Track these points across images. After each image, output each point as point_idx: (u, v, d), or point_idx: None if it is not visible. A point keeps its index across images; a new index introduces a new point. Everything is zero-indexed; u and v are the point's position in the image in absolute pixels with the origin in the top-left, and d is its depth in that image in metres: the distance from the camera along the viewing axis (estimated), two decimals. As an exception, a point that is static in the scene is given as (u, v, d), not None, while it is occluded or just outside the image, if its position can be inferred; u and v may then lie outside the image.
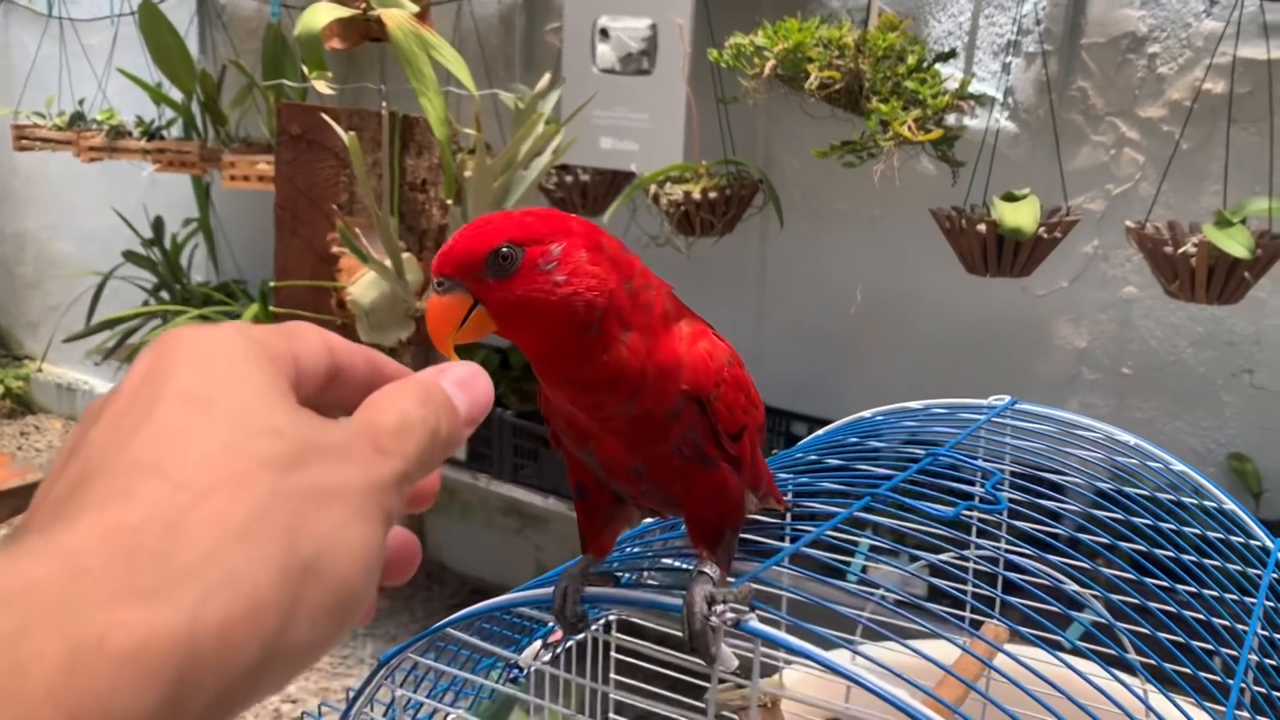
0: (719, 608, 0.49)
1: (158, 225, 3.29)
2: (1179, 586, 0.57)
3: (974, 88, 1.89)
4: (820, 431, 0.76)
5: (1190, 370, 1.97)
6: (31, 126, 3.05)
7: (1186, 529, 0.64)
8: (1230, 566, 0.62)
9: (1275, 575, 0.64)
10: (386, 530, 0.31)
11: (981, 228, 1.63)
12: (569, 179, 2.07)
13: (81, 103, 3.07)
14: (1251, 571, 0.63)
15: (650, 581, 0.59)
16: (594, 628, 0.83)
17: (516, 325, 0.48)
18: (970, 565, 0.62)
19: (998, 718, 0.53)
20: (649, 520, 0.64)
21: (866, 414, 0.74)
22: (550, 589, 0.55)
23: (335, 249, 1.32)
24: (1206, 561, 0.61)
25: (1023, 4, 1.95)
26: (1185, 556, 0.61)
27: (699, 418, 0.51)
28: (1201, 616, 0.55)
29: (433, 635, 0.60)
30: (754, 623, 0.48)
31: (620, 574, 0.58)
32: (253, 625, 0.26)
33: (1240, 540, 0.67)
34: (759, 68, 1.74)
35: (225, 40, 3.17)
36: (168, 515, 0.26)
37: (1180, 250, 1.49)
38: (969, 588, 0.68)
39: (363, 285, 1.31)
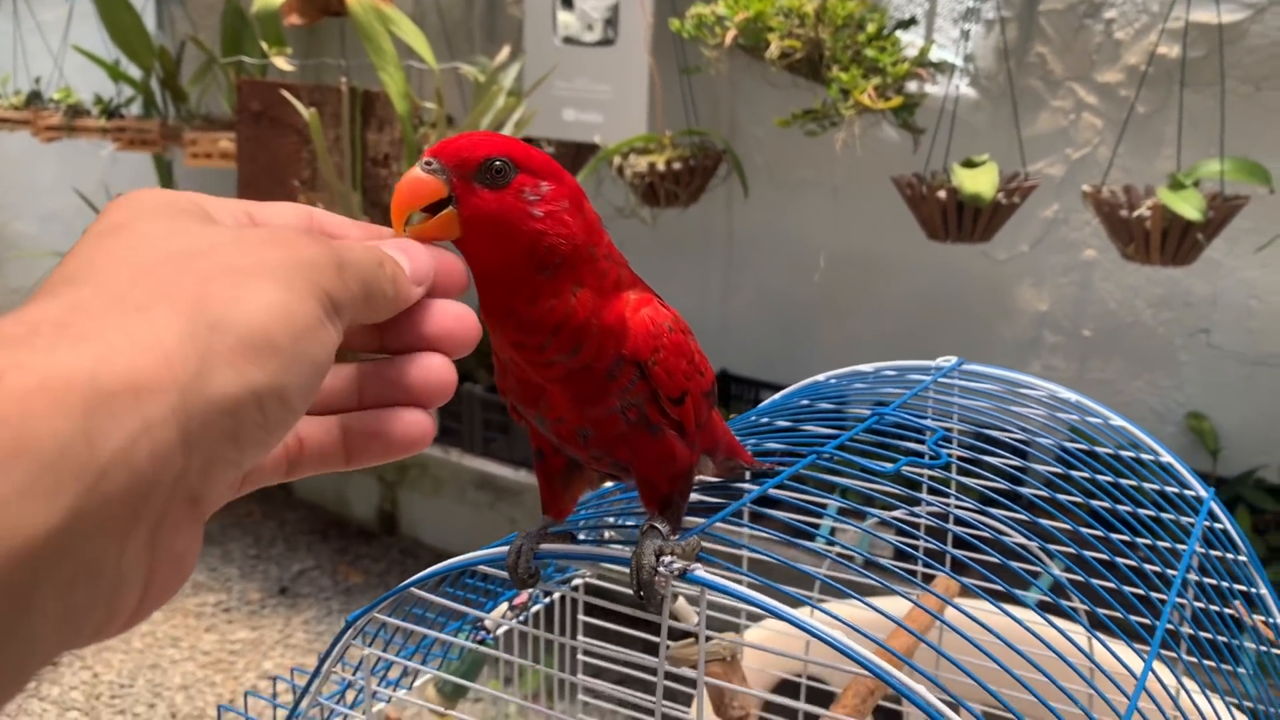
0: (667, 559, 0.51)
1: (120, 204, 3.25)
2: (1114, 536, 0.59)
3: (934, 55, 1.90)
4: (776, 396, 0.78)
5: (1149, 331, 2.01)
6: (-14, 106, 3.00)
7: (1123, 481, 0.67)
8: (1164, 516, 0.65)
9: (1207, 523, 0.67)
10: (321, 302, 0.34)
11: (942, 194, 1.65)
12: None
13: (38, 81, 3.02)
14: (1185, 520, 0.65)
15: (606, 538, 0.60)
16: (565, 587, 0.85)
17: (480, 239, 0.48)
18: (921, 522, 0.64)
19: (949, 668, 0.55)
20: (609, 484, 0.66)
21: (820, 377, 0.76)
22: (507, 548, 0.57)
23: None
24: (1141, 512, 0.63)
25: (981, -30, 1.96)
26: (1121, 507, 0.63)
27: (640, 382, 0.53)
28: (1135, 564, 0.58)
29: (398, 595, 0.62)
30: (700, 573, 0.50)
31: (578, 533, 0.60)
32: (164, 372, 0.29)
33: (1175, 491, 0.69)
34: (720, 37, 1.75)
35: (183, 16, 3.14)
36: (73, 303, 0.30)
37: (1135, 213, 1.51)
38: (920, 544, 0.70)
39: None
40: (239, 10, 2.54)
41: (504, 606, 0.71)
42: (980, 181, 1.61)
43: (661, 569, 0.51)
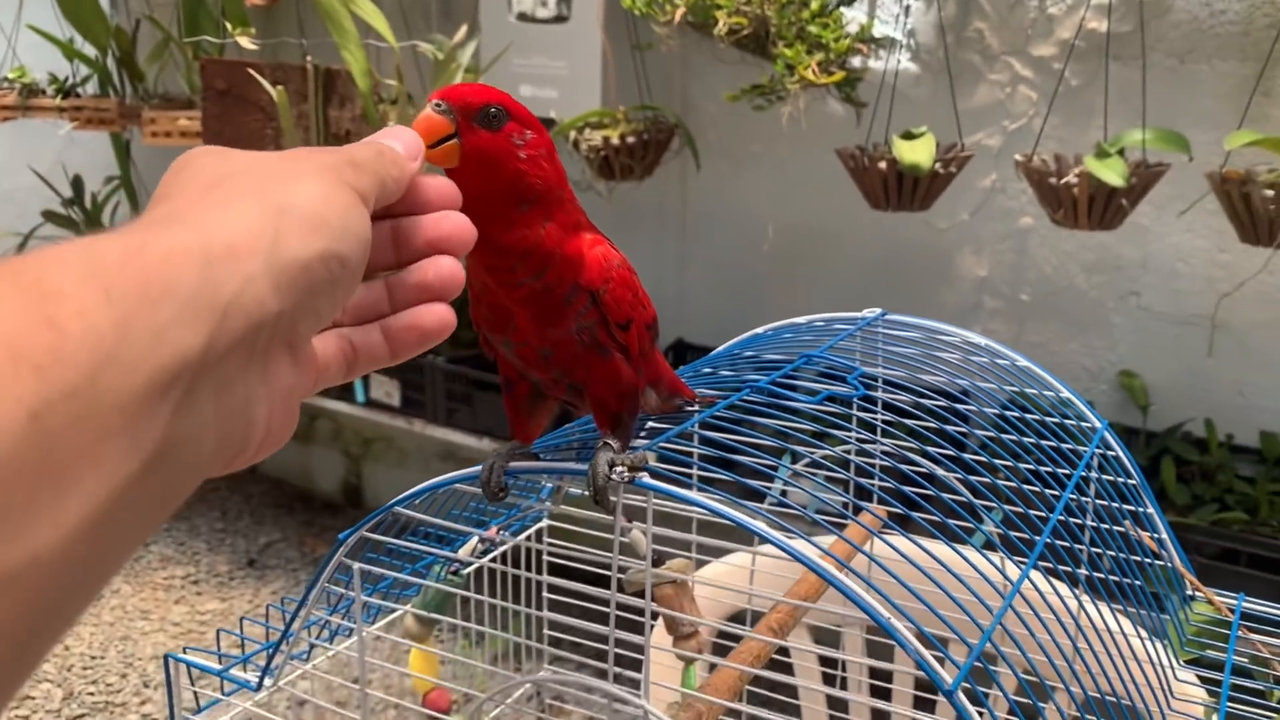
0: (618, 469, 0.60)
1: (77, 184, 3.25)
2: (1020, 465, 0.67)
3: (875, 30, 1.97)
4: (720, 348, 0.85)
5: (1083, 294, 2.10)
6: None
7: (1027, 415, 0.75)
8: (1064, 445, 0.73)
9: (1100, 450, 0.75)
10: (348, 189, 0.45)
11: (883, 165, 1.73)
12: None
13: (-8, 61, 3.02)
14: (1081, 449, 0.73)
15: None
16: (527, 535, 0.92)
17: (473, 170, 0.57)
18: (851, 460, 0.72)
19: (877, 596, 0.63)
20: (570, 424, 0.73)
21: (759, 330, 0.83)
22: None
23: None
24: (1044, 443, 0.71)
25: (921, -51, 2.04)
26: (1025, 439, 0.71)
27: (591, 309, 0.62)
28: (1036, 488, 0.66)
29: (383, 514, 0.68)
30: (646, 479, 0.58)
31: (542, 455, 0.67)
32: (252, 241, 0.39)
33: (1073, 423, 0.77)
34: (670, 14, 1.81)
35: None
36: (170, 210, 0.41)
37: (1063, 181, 1.60)
38: (850, 479, 0.77)
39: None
40: (196, -12, 2.56)
41: (474, 541, 0.77)
42: (918, 152, 1.68)
43: (614, 476, 0.60)
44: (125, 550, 0.36)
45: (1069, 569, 0.72)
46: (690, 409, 0.70)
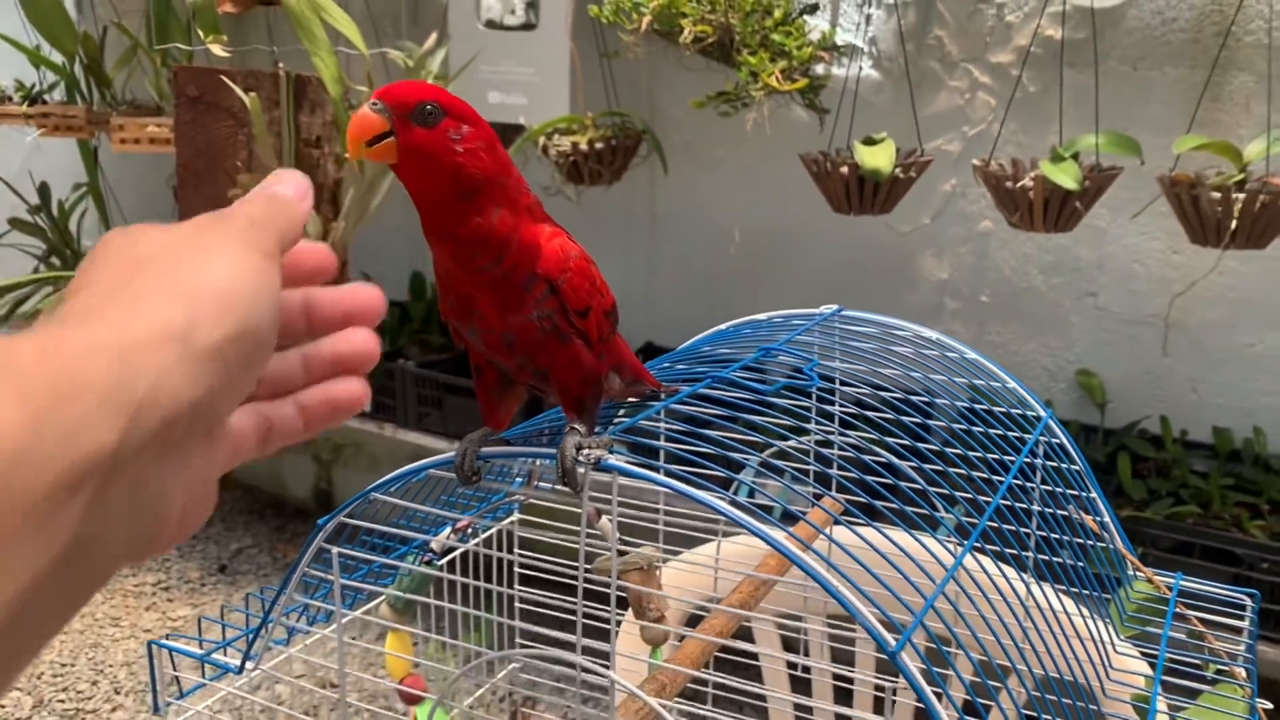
0: (585, 451, 0.63)
1: (44, 191, 3.24)
2: (970, 453, 0.71)
3: (838, 38, 2.02)
4: (685, 344, 0.88)
5: (1041, 296, 2.16)
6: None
7: (976, 405, 0.78)
8: (1010, 434, 0.76)
9: (1044, 438, 0.78)
10: (255, 253, 0.45)
11: (844, 170, 1.77)
12: (460, 133, 2.15)
13: (-44, 68, 3.00)
14: (1028, 436, 0.77)
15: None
16: (499, 525, 0.95)
17: (412, 166, 0.61)
18: (810, 449, 0.75)
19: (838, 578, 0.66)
20: (541, 415, 0.76)
21: (722, 326, 0.86)
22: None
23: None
24: (993, 431, 0.75)
25: (881, -42, 2.09)
26: (975, 428, 0.74)
27: (550, 297, 0.65)
28: (984, 474, 0.69)
29: (360, 500, 0.71)
30: (611, 460, 0.61)
31: (512, 440, 0.70)
32: (166, 332, 0.40)
33: (1019, 412, 0.81)
34: (637, 23, 1.85)
35: (103, 2, 3.13)
36: (87, 301, 0.41)
37: (1019, 184, 1.64)
38: (810, 468, 0.81)
39: (266, 238, 1.39)
40: (164, -4, 2.57)
41: (446, 531, 0.80)
42: (879, 158, 1.73)
43: (581, 457, 0.63)
44: (35, 644, 0.36)
45: (1015, 552, 0.75)
46: (654, 398, 0.74)
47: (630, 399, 0.74)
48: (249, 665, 0.83)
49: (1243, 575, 1.70)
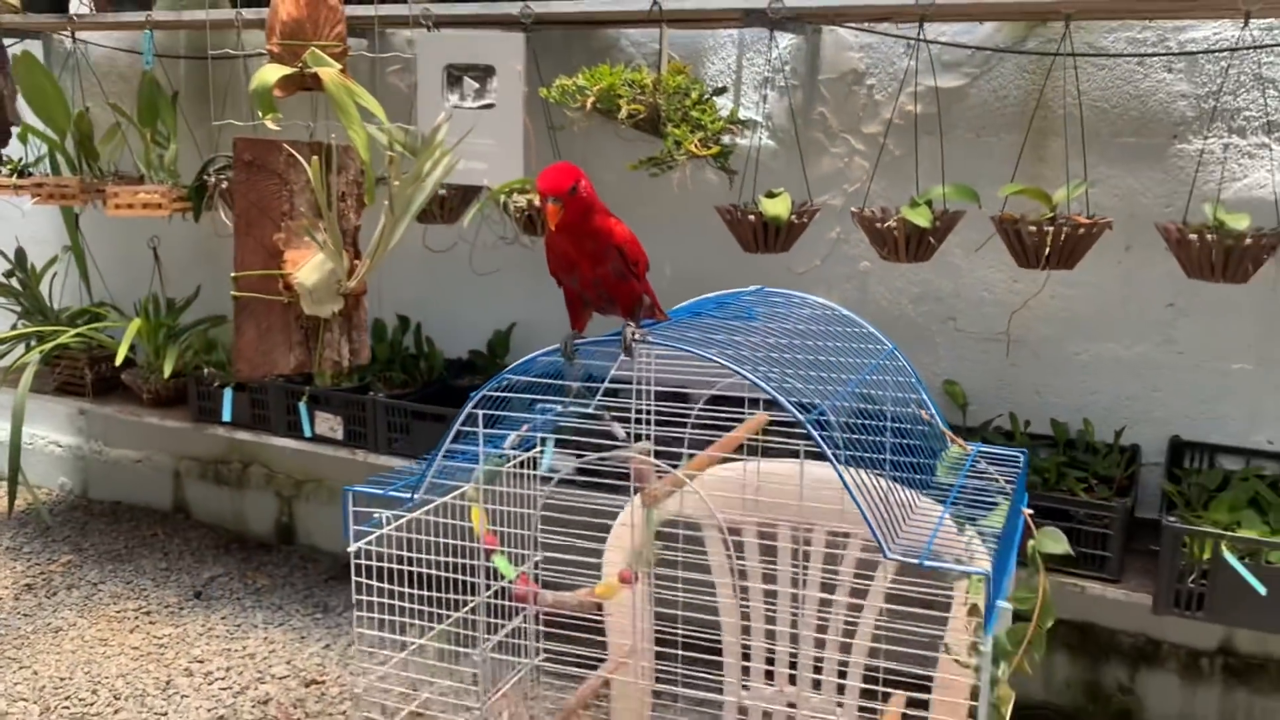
0: (636, 334, 1.06)
1: (20, 255, 3.53)
2: (844, 359, 1.12)
3: (742, 114, 2.49)
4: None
5: (912, 321, 2.63)
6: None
7: (852, 344, 1.20)
8: (866, 355, 1.18)
9: (890, 362, 1.21)
10: None
11: (752, 217, 2.23)
12: (429, 194, 2.56)
13: (-55, 144, 3.29)
14: (906, 382, 1.20)
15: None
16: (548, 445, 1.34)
17: (573, 216, 1.09)
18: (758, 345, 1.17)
19: (766, 506, 1.07)
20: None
21: (690, 301, 1.29)
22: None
23: (281, 245, 1.77)
24: (885, 378, 1.17)
25: (774, 49, 2.58)
26: (867, 376, 1.17)
27: (619, 257, 1.10)
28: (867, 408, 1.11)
29: (499, 380, 1.11)
30: (649, 338, 1.03)
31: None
32: None
33: (874, 347, 1.23)
34: (581, 102, 2.28)
35: (80, 84, 3.46)
36: None
37: (886, 225, 2.12)
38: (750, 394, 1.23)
39: (306, 270, 1.76)
40: (154, 81, 2.93)
41: (514, 436, 1.19)
42: (779, 206, 2.18)
43: (634, 337, 1.06)
44: None
45: (876, 439, 1.17)
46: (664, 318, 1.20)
47: (648, 319, 1.18)
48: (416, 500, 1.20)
49: (1074, 528, 2.17)
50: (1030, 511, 1.16)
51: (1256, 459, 2.36)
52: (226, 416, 3.06)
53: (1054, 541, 1.12)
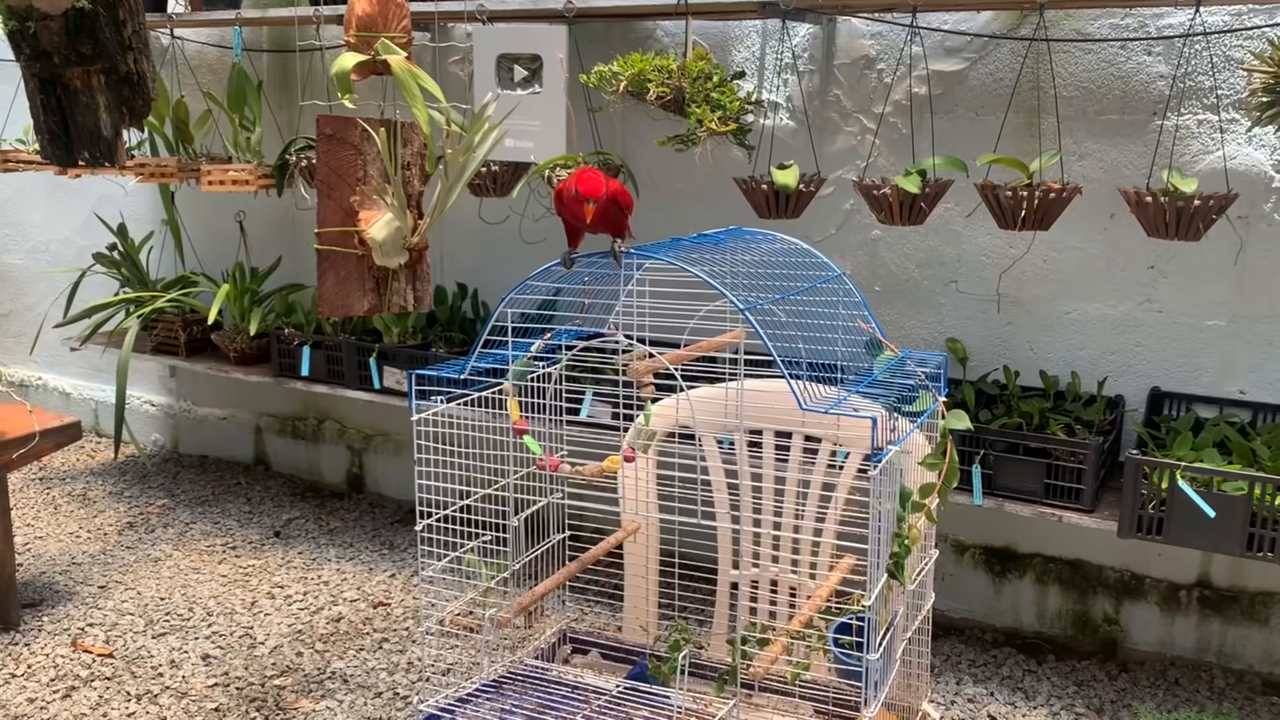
0: (620, 247, 1.35)
1: (121, 230, 3.93)
2: (802, 283, 1.41)
3: (764, 96, 2.77)
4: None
5: (918, 284, 2.90)
6: (14, 151, 3.66)
7: (816, 271, 1.49)
8: (819, 279, 1.47)
9: (839, 285, 1.49)
10: None
11: (765, 186, 2.51)
12: (483, 169, 2.88)
13: (58, 130, 3.69)
14: (854, 302, 1.48)
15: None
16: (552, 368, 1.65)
17: (607, 206, 1.39)
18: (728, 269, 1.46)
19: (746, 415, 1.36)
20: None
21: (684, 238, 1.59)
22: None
23: (356, 206, 2.10)
24: (835, 298, 1.45)
25: (791, 38, 2.86)
26: (810, 286, 1.45)
27: (616, 202, 1.40)
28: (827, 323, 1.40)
29: (521, 285, 1.41)
30: (631, 250, 1.33)
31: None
32: None
33: (831, 273, 1.51)
34: (615, 87, 2.59)
35: (177, 76, 3.86)
36: None
37: (882, 192, 2.39)
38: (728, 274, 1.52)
39: (378, 227, 2.08)
40: (243, 71, 3.30)
41: (538, 344, 1.50)
42: (787, 176, 2.47)
43: (622, 248, 1.35)
44: None
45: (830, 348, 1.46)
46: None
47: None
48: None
49: (1053, 464, 2.42)
50: (944, 399, 1.44)
51: (1229, 407, 2.59)
52: (305, 371, 3.42)
53: (958, 420, 1.40)
